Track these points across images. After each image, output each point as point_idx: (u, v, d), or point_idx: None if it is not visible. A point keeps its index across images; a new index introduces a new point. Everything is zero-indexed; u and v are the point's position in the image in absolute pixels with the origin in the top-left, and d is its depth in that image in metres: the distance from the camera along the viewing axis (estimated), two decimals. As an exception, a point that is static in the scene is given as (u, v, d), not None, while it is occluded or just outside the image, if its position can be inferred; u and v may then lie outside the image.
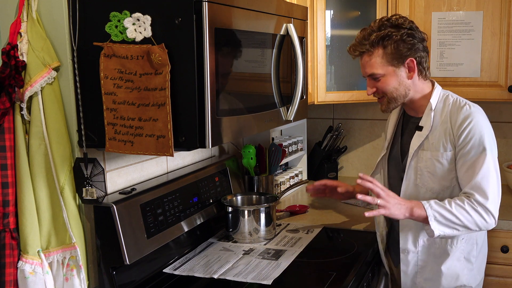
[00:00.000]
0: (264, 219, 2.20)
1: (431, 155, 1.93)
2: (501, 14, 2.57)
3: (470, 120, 1.87)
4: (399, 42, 1.87)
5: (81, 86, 1.58)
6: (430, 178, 1.94)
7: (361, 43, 1.92)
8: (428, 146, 1.94)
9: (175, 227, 1.93)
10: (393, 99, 1.94)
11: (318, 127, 3.31)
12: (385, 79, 1.90)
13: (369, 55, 1.90)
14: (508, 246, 2.38)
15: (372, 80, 1.94)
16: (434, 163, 1.92)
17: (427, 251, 2.00)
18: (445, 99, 1.96)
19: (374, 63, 1.89)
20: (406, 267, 2.03)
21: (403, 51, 1.88)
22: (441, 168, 1.92)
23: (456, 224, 1.83)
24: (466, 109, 1.89)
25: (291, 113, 1.94)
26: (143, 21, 1.46)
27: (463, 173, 1.87)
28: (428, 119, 1.95)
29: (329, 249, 2.21)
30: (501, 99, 2.63)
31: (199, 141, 1.48)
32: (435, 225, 1.82)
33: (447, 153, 1.90)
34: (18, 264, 1.55)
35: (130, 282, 1.80)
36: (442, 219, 1.82)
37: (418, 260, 2.01)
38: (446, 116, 1.92)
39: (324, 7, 2.66)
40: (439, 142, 1.91)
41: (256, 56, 1.81)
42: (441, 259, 1.98)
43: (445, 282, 1.99)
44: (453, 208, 1.82)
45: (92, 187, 1.60)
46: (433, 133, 1.93)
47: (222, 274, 1.87)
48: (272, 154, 2.58)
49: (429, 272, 2.01)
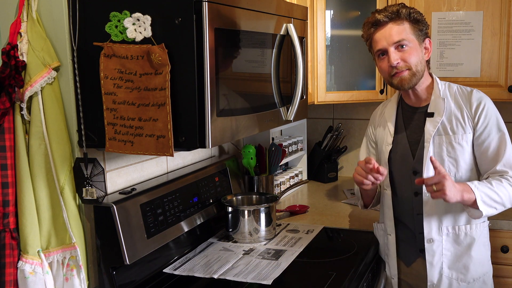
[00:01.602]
0: (264, 219, 2.20)
1: (450, 139, 1.95)
2: (501, 14, 2.58)
3: (484, 103, 1.94)
4: (420, 21, 1.95)
5: (81, 86, 1.58)
6: (451, 162, 1.95)
7: (390, 12, 1.92)
8: (446, 131, 1.96)
9: (175, 227, 1.93)
10: (417, 73, 1.93)
11: (318, 127, 3.31)
12: (411, 49, 1.92)
13: (398, 24, 1.92)
14: (508, 246, 2.38)
15: (397, 51, 1.92)
16: (454, 147, 1.95)
17: (451, 239, 1.99)
18: (448, 87, 2.02)
19: (403, 31, 1.91)
20: (431, 257, 2.00)
21: (423, 30, 1.96)
22: (461, 151, 1.94)
23: (497, 202, 1.88)
24: (476, 93, 1.97)
25: (291, 113, 1.94)
26: (143, 21, 1.46)
27: (489, 154, 1.93)
28: (438, 104, 1.97)
29: (329, 249, 2.21)
30: (501, 99, 2.63)
31: (199, 141, 1.48)
32: (482, 206, 1.85)
33: (467, 135, 1.94)
34: (18, 264, 1.55)
35: (130, 282, 1.80)
36: (488, 199, 1.86)
37: (443, 249, 1.99)
38: (457, 100, 1.97)
39: (324, 7, 2.66)
40: (457, 125, 1.95)
41: (256, 56, 1.81)
42: (467, 246, 1.98)
43: (473, 270, 1.99)
44: (495, 186, 1.87)
45: (92, 187, 1.60)
46: (448, 117, 1.96)
47: (222, 274, 1.87)
48: (272, 154, 2.58)
49: (456, 261, 1.99)
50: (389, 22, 1.92)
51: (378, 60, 1.97)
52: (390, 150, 2.05)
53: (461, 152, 1.94)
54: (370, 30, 1.96)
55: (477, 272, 2.00)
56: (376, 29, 1.94)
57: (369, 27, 1.96)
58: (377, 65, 2.00)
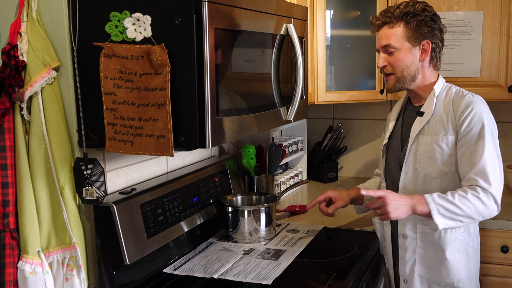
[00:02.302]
0: (264, 219, 2.20)
1: (431, 139, 1.95)
2: (501, 14, 2.57)
3: (472, 107, 1.90)
4: (421, 22, 1.93)
5: (81, 86, 1.58)
6: (429, 162, 1.96)
7: (385, 15, 1.97)
8: (429, 131, 1.96)
9: (175, 227, 1.93)
10: (402, 78, 1.97)
11: (318, 127, 3.31)
12: (399, 54, 1.95)
13: (390, 27, 1.95)
14: (508, 246, 2.38)
15: (385, 53, 1.97)
16: (433, 147, 1.95)
17: (426, 238, 2.00)
18: (448, 89, 2.01)
19: (393, 35, 1.94)
20: (404, 252, 2.03)
21: (423, 32, 1.94)
22: (440, 152, 1.94)
23: (459, 215, 1.84)
24: (469, 97, 1.93)
25: (291, 113, 1.94)
26: (143, 21, 1.46)
27: (466, 160, 1.89)
28: (429, 105, 1.98)
29: (329, 249, 2.21)
30: (501, 99, 2.63)
31: (199, 141, 1.48)
32: (439, 219, 1.82)
33: (448, 137, 1.93)
34: (18, 264, 1.55)
35: (130, 282, 1.80)
36: (446, 211, 1.82)
37: (416, 247, 2.01)
38: (448, 103, 1.96)
39: (324, 7, 2.66)
40: (440, 126, 1.94)
41: (256, 56, 1.81)
42: (441, 249, 1.98)
43: (445, 273, 1.98)
44: (456, 199, 1.83)
45: (92, 187, 1.60)
46: (434, 118, 1.97)
47: (222, 274, 1.87)
48: (272, 154, 2.58)
49: (429, 261, 2.00)
50: (384, 26, 1.97)
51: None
52: (386, 144, 2.12)
53: (440, 153, 1.94)
54: (373, 29, 2.05)
55: (449, 277, 1.99)
56: (377, 29, 2.02)
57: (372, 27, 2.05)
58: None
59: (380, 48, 1.99)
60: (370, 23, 2.03)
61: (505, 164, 2.76)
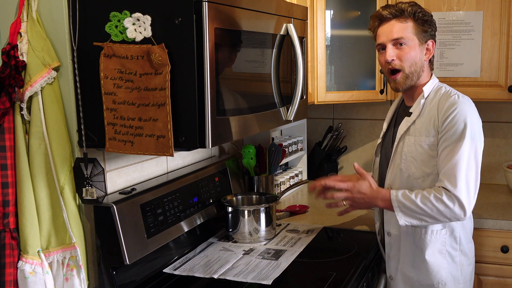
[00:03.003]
0: (264, 219, 2.20)
1: (414, 140, 1.97)
2: (501, 14, 2.57)
3: (455, 107, 1.88)
4: (426, 22, 1.97)
5: (81, 86, 1.58)
6: (412, 163, 1.96)
7: (395, 9, 1.96)
8: (414, 132, 1.97)
9: (175, 227, 1.93)
10: (410, 74, 1.97)
11: (318, 127, 3.31)
12: (409, 48, 1.95)
13: (401, 21, 1.95)
14: (508, 246, 2.38)
15: (394, 47, 1.96)
16: (416, 148, 1.96)
17: (408, 237, 2.00)
18: (437, 90, 2.00)
19: (405, 29, 1.94)
20: (389, 249, 2.06)
21: (428, 31, 1.98)
22: (422, 153, 1.94)
23: (421, 215, 1.86)
24: (454, 98, 1.91)
25: (291, 113, 1.94)
26: (143, 21, 1.46)
27: (441, 160, 1.88)
28: (418, 105, 1.99)
29: (329, 249, 2.21)
30: (501, 99, 2.63)
31: (199, 141, 1.48)
32: (400, 215, 1.88)
33: (430, 138, 1.93)
34: (18, 264, 1.55)
35: (130, 282, 1.80)
36: (406, 209, 1.87)
37: (400, 245, 2.02)
38: (435, 104, 1.96)
39: (324, 7, 2.66)
40: (423, 127, 1.95)
41: (256, 56, 1.81)
42: (422, 248, 1.98)
43: (426, 274, 1.98)
44: (418, 199, 1.85)
45: (92, 187, 1.60)
46: (420, 119, 1.97)
47: (222, 274, 1.87)
48: (272, 154, 2.58)
49: (412, 260, 2.01)
50: (393, 19, 1.97)
51: (378, 53, 2.04)
52: (380, 144, 2.15)
53: (422, 154, 1.94)
54: (375, 24, 2.03)
55: (429, 278, 1.98)
56: (380, 24, 2.00)
57: (374, 20, 2.03)
58: (378, 58, 2.08)
59: (389, 41, 1.96)
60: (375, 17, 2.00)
61: (505, 164, 2.76)
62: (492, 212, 2.44)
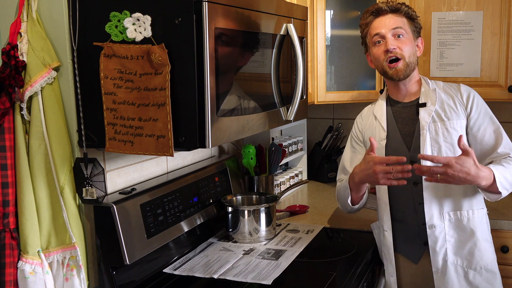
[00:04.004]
0: (264, 219, 2.20)
1: (445, 125, 2.00)
2: (501, 14, 2.57)
3: (473, 94, 2.04)
4: (416, 21, 2.08)
5: (81, 86, 1.58)
6: (448, 147, 1.99)
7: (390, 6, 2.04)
8: (440, 118, 2.01)
9: (175, 227, 1.93)
10: (410, 64, 2.02)
11: (318, 127, 3.31)
12: (407, 40, 2.03)
13: (397, 15, 2.04)
14: (508, 246, 2.38)
15: (394, 38, 2.01)
16: (450, 131, 2.00)
17: (454, 225, 2.00)
18: (436, 82, 2.11)
19: (402, 22, 2.03)
20: (434, 243, 2.00)
21: (417, 28, 2.08)
22: (456, 136, 1.96)
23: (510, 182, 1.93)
24: (464, 86, 2.07)
25: (291, 113, 1.94)
26: (143, 21, 1.46)
27: (486, 139, 2.01)
28: (429, 95, 2.06)
29: (329, 249, 2.21)
30: (501, 99, 2.63)
31: (199, 141, 1.48)
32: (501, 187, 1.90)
33: (460, 120, 2.01)
34: (18, 264, 1.55)
35: (130, 282, 1.80)
36: (505, 181, 1.91)
37: (446, 235, 1.99)
38: (446, 91, 2.07)
39: (324, 7, 2.66)
40: (450, 111, 2.02)
41: (256, 56, 1.81)
42: (471, 232, 1.99)
43: (479, 256, 1.99)
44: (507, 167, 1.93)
45: (92, 187, 1.60)
46: (440, 106, 2.03)
47: (222, 274, 1.87)
48: (272, 154, 2.58)
49: (461, 248, 1.99)
50: (390, 12, 2.04)
51: (374, 47, 2.05)
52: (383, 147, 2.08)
53: (457, 137, 1.95)
54: (369, 18, 2.07)
55: (483, 260, 2.00)
56: (376, 17, 2.05)
57: (368, 15, 2.07)
58: (372, 53, 2.07)
59: (389, 31, 2.00)
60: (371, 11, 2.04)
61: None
62: (492, 212, 2.44)
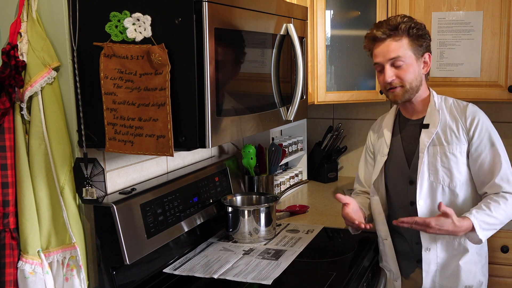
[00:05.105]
0: (264, 219, 2.20)
1: (444, 149, 1.97)
2: (501, 14, 2.57)
3: (478, 118, 1.97)
4: (421, 36, 1.97)
5: (81, 86, 1.58)
6: (445, 172, 1.97)
7: (388, 28, 1.95)
8: (440, 141, 1.98)
9: (175, 227, 1.93)
10: (410, 89, 1.98)
11: (318, 127, 3.31)
12: (407, 66, 1.95)
13: (396, 40, 1.94)
14: (508, 246, 2.38)
15: (392, 67, 1.96)
16: (448, 157, 1.97)
17: (445, 248, 2.01)
18: (445, 100, 2.05)
19: (400, 47, 1.94)
20: (428, 266, 2.02)
21: (424, 45, 1.98)
22: (455, 161, 1.96)
23: (498, 224, 1.94)
24: (472, 107, 2.00)
25: (291, 113, 1.94)
26: (143, 21, 1.46)
27: (485, 168, 1.96)
28: (433, 116, 2.00)
29: (329, 249, 2.21)
30: (501, 99, 2.63)
31: (199, 141, 1.48)
32: (482, 233, 1.90)
33: (461, 146, 1.96)
34: (18, 264, 1.55)
35: (130, 282, 1.80)
36: (487, 225, 1.90)
37: (437, 257, 2.01)
38: (452, 113, 2.00)
39: (324, 7, 2.66)
40: (451, 135, 1.97)
41: (256, 56, 1.81)
42: (459, 256, 2.00)
43: (465, 278, 2.00)
44: (493, 211, 1.90)
45: (92, 187, 1.60)
46: (442, 129, 1.99)
47: (222, 274, 1.87)
48: (272, 154, 2.58)
49: (448, 270, 2.01)
50: (388, 39, 1.95)
51: (377, 73, 2.03)
52: (385, 160, 2.09)
53: (455, 162, 1.96)
54: (370, 44, 2.01)
55: (469, 281, 2.01)
56: (375, 44, 1.98)
57: (369, 41, 2.01)
58: (377, 76, 2.06)
59: (386, 61, 1.95)
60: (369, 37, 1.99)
61: (505, 164, 2.76)
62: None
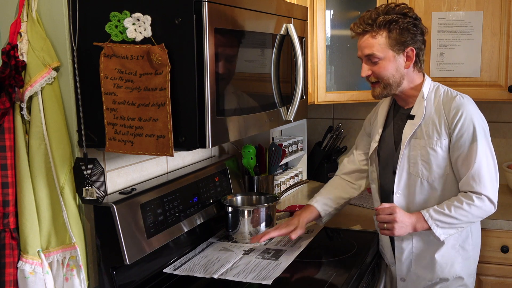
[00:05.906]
0: (264, 219, 2.20)
1: (424, 143, 1.95)
2: (501, 14, 2.57)
3: (462, 111, 1.90)
4: (404, 29, 1.90)
5: (81, 86, 1.58)
6: (424, 166, 1.96)
7: (367, 22, 1.92)
8: (422, 135, 1.96)
9: (175, 227, 1.93)
10: (388, 86, 1.96)
11: (318, 127, 3.31)
12: (383, 63, 1.92)
13: (372, 36, 1.91)
14: (508, 246, 2.38)
15: (369, 62, 1.94)
16: (428, 151, 1.95)
17: (421, 239, 2.01)
18: (436, 90, 2.00)
19: (376, 44, 1.90)
20: (400, 254, 2.05)
21: (406, 39, 1.91)
22: (434, 156, 1.94)
23: (458, 224, 1.90)
24: (459, 99, 1.93)
25: (291, 113, 1.94)
26: (143, 21, 1.46)
27: (461, 163, 1.92)
28: (420, 108, 1.98)
29: (329, 249, 2.21)
30: (501, 99, 2.63)
31: (199, 141, 1.48)
32: (440, 231, 1.90)
33: (442, 140, 1.93)
34: (18, 264, 1.55)
35: (130, 282, 1.80)
36: (444, 224, 1.89)
37: (412, 247, 2.02)
38: (438, 105, 1.95)
39: (324, 7, 2.66)
40: (433, 130, 1.94)
41: (256, 56, 1.81)
42: (435, 247, 1.99)
43: (440, 270, 2.00)
44: (452, 211, 1.88)
45: (92, 187, 1.60)
46: (426, 121, 1.96)
47: (222, 274, 1.87)
48: (272, 154, 2.58)
49: (424, 260, 2.02)
50: (365, 34, 1.93)
51: None
52: (376, 147, 2.11)
53: (435, 157, 1.95)
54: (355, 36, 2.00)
55: (444, 274, 2.00)
56: (358, 36, 1.98)
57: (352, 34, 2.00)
58: None
59: (362, 56, 1.95)
60: (351, 30, 1.98)
61: (505, 164, 2.75)
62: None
